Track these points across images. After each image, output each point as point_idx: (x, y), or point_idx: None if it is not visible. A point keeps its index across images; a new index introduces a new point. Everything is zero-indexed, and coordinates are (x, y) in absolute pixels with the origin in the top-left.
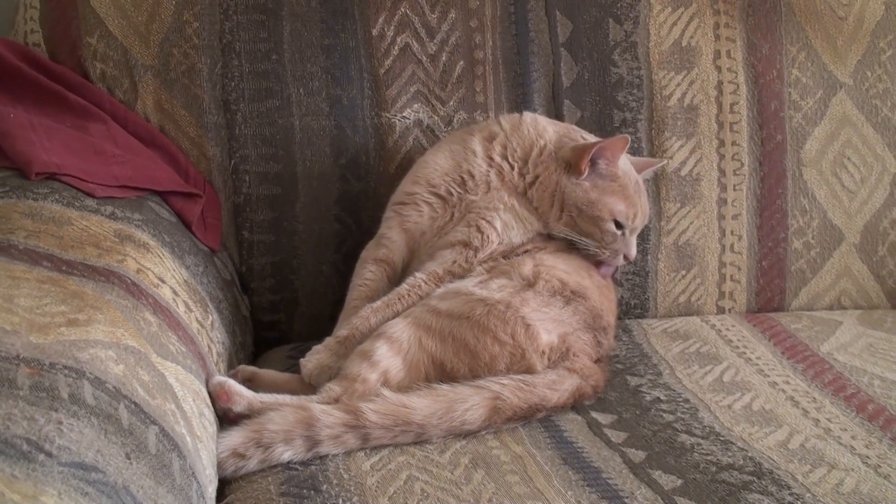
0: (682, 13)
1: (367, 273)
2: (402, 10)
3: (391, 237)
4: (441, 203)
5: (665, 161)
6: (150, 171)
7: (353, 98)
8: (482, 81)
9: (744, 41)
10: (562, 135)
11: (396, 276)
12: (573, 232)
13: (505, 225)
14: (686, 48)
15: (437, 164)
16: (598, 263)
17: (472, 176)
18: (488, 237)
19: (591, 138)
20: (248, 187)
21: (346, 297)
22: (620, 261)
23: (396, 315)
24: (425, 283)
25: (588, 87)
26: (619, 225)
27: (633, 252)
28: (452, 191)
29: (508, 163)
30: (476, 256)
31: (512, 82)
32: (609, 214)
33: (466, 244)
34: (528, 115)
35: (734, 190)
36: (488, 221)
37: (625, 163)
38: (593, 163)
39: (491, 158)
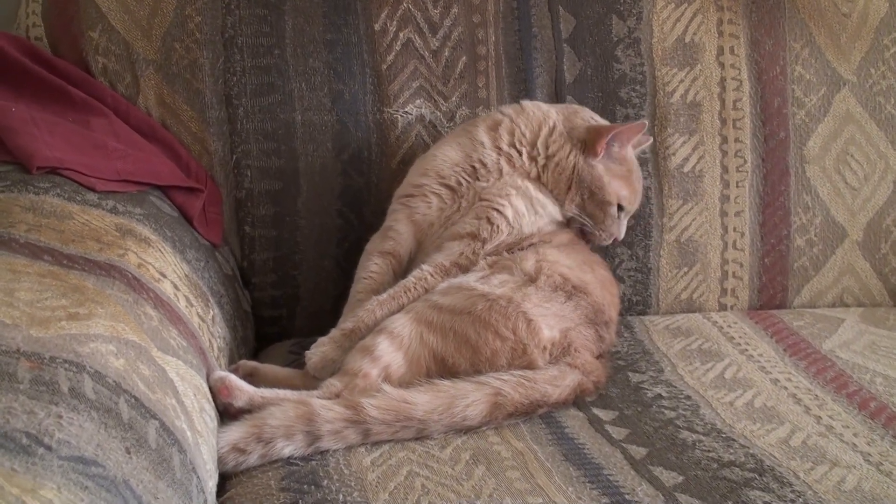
0: (686, 9)
1: (372, 266)
2: (405, 5)
3: (399, 230)
4: (450, 194)
5: (651, 139)
6: (151, 165)
7: (355, 93)
8: (485, 77)
9: (747, 37)
10: (566, 115)
11: (402, 269)
12: (581, 213)
13: (516, 213)
14: (689, 44)
15: (445, 156)
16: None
17: (483, 164)
18: (498, 227)
19: (599, 119)
20: (250, 182)
21: (350, 291)
22: (608, 241)
23: (402, 308)
24: (431, 275)
25: (591, 83)
26: (619, 208)
27: (623, 233)
28: (462, 181)
29: (517, 149)
30: (483, 248)
31: (514, 78)
32: (616, 199)
33: (475, 236)
34: (527, 101)
35: (737, 187)
36: (499, 211)
37: (629, 147)
38: (608, 146)
39: (499, 148)
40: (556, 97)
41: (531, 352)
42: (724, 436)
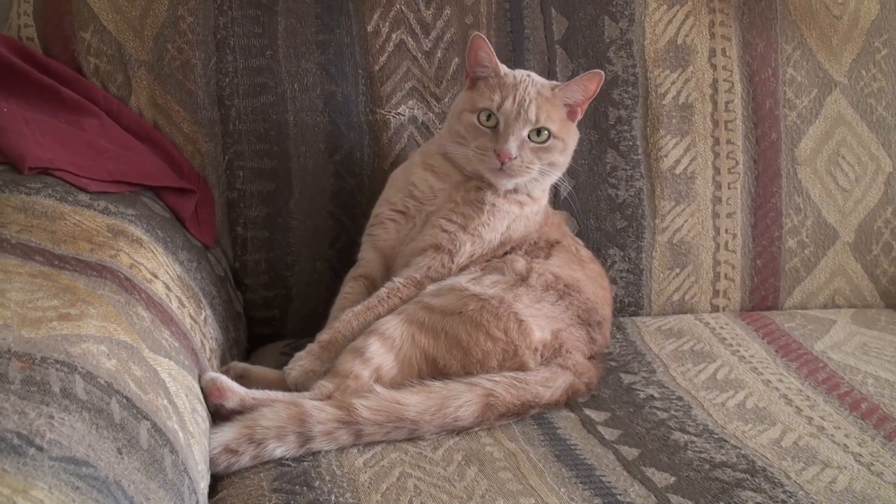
0: (678, 11)
1: (346, 289)
2: (398, 6)
3: (366, 257)
4: (403, 216)
5: (602, 74)
6: (143, 166)
7: (347, 94)
8: None
9: (739, 39)
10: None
11: (376, 289)
12: (464, 144)
13: (465, 217)
14: (681, 46)
15: (394, 182)
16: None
17: (415, 186)
18: (455, 235)
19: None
20: (242, 183)
21: (330, 311)
22: (495, 160)
23: (378, 318)
24: (403, 286)
25: None
26: (489, 118)
27: (507, 148)
28: (409, 204)
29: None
30: (453, 261)
31: None
32: (471, 105)
33: (437, 247)
34: None
35: (729, 188)
36: (449, 220)
37: (514, 71)
38: (476, 75)
39: (425, 162)
40: None
41: (522, 353)
42: (715, 436)
